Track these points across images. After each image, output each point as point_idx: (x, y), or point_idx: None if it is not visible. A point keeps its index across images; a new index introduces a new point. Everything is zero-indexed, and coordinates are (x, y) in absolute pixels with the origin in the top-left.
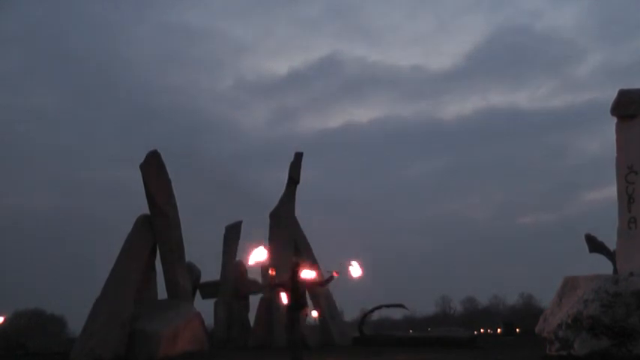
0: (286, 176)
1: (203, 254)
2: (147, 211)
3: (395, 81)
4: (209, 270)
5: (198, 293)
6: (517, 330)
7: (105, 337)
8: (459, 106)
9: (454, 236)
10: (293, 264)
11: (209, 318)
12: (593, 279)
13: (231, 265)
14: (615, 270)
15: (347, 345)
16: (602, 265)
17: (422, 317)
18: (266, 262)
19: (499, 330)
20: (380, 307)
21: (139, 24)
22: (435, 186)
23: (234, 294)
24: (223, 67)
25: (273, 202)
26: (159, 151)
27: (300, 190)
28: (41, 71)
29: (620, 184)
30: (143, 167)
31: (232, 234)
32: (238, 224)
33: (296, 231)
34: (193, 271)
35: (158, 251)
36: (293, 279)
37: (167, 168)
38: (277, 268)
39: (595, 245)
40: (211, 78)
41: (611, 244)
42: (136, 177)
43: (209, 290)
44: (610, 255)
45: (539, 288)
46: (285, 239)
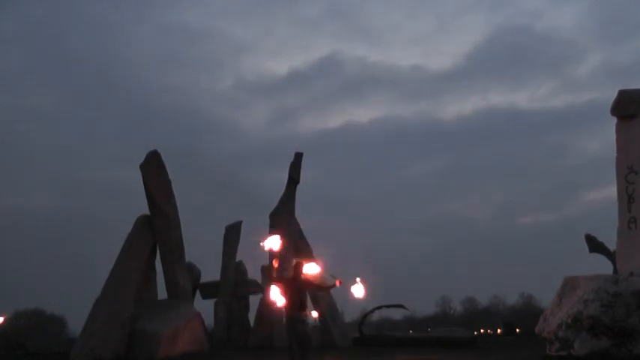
0: (286, 176)
1: (203, 254)
2: (147, 211)
3: (395, 81)
4: (209, 270)
5: (198, 293)
6: (517, 330)
7: (105, 337)
8: (459, 106)
9: (454, 236)
10: (296, 265)
11: (209, 318)
12: (593, 279)
13: (231, 265)
14: (615, 270)
15: (347, 345)
16: (602, 265)
17: (422, 317)
18: (277, 252)
19: (499, 330)
20: (380, 308)
21: (139, 24)
22: (435, 186)
23: (234, 294)
24: (223, 67)
25: (273, 202)
26: (159, 151)
27: (300, 190)
28: (41, 71)
29: (620, 184)
30: (143, 167)
31: (232, 234)
32: (238, 224)
33: (296, 231)
34: (193, 271)
35: (158, 251)
36: (296, 280)
37: (167, 168)
38: (274, 270)
39: (595, 245)
40: (211, 78)
41: (611, 244)
42: (136, 177)
43: (209, 290)
44: (610, 255)
45: (539, 288)
46: (285, 239)
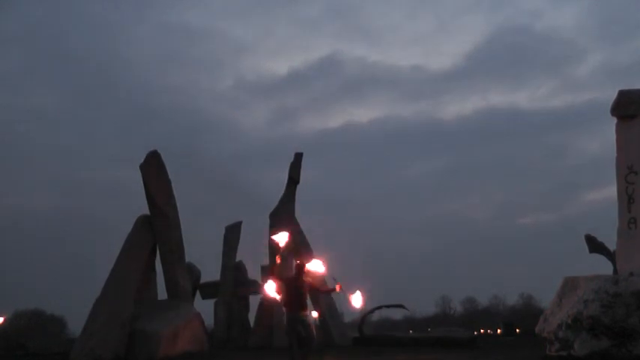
0: (286, 176)
1: (203, 254)
2: (147, 212)
3: (395, 81)
4: (209, 270)
5: (198, 293)
6: (517, 330)
7: (105, 337)
8: (459, 106)
9: (454, 236)
10: (298, 265)
11: (209, 318)
12: (593, 279)
13: (231, 265)
14: (615, 270)
15: (347, 345)
16: (602, 265)
17: (422, 317)
18: (282, 249)
19: (499, 330)
20: (380, 308)
21: (139, 24)
22: (435, 186)
23: (234, 294)
24: (223, 67)
25: (273, 202)
26: (159, 151)
27: (300, 190)
28: (41, 71)
29: (620, 185)
30: (143, 167)
31: (232, 234)
32: (238, 224)
33: (296, 231)
34: (193, 272)
35: (158, 251)
36: (296, 279)
37: (167, 168)
38: (276, 267)
39: (595, 245)
40: (211, 78)
41: (611, 244)
42: (136, 177)
43: (209, 290)
44: (610, 255)
45: (539, 288)
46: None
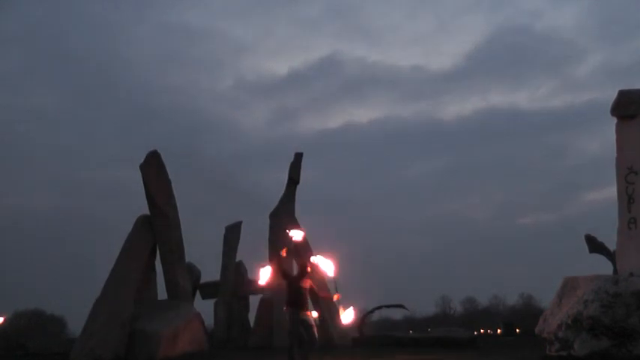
0: (286, 176)
1: (203, 254)
2: (147, 212)
3: (395, 81)
4: (209, 270)
5: (198, 294)
6: (517, 330)
7: (105, 337)
8: (459, 106)
9: (454, 236)
10: (302, 265)
11: (209, 318)
12: (593, 279)
13: (231, 265)
14: (615, 270)
15: (347, 345)
16: (602, 266)
17: (422, 317)
18: (295, 244)
19: (499, 330)
20: (380, 308)
21: (139, 24)
22: (435, 186)
23: (234, 294)
24: (223, 67)
25: (273, 202)
26: (159, 151)
27: (300, 190)
28: (41, 71)
29: (620, 185)
30: (143, 167)
31: (232, 234)
32: (238, 224)
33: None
34: (193, 272)
35: (158, 251)
36: (298, 279)
37: (167, 168)
38: (280, 258)
39: (595, 246)
40: (211, 78)
41: (611, 244)
42: (136, 177)
43: (209, 290)
44: (610, 255)
45: (539, 288)
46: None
